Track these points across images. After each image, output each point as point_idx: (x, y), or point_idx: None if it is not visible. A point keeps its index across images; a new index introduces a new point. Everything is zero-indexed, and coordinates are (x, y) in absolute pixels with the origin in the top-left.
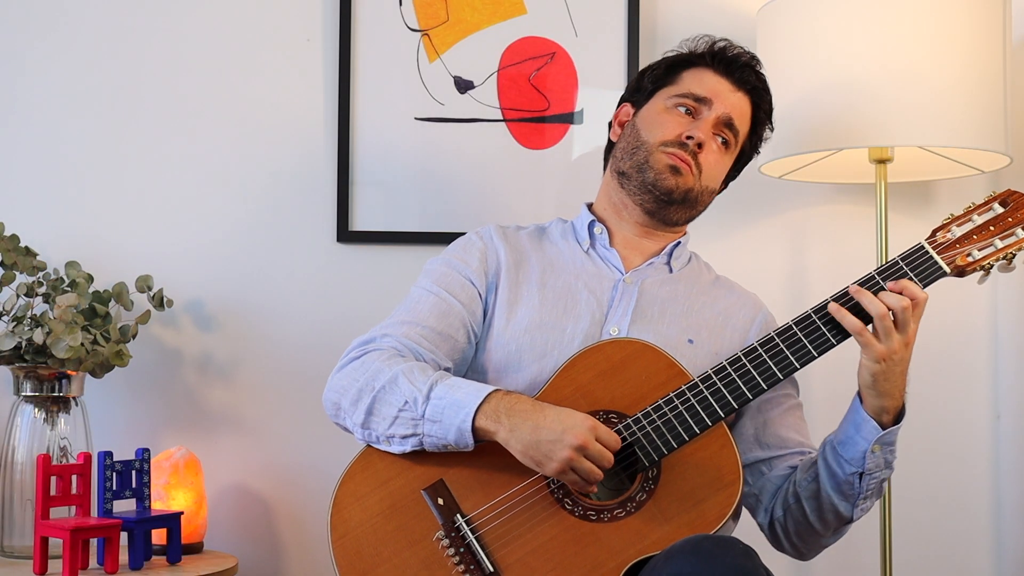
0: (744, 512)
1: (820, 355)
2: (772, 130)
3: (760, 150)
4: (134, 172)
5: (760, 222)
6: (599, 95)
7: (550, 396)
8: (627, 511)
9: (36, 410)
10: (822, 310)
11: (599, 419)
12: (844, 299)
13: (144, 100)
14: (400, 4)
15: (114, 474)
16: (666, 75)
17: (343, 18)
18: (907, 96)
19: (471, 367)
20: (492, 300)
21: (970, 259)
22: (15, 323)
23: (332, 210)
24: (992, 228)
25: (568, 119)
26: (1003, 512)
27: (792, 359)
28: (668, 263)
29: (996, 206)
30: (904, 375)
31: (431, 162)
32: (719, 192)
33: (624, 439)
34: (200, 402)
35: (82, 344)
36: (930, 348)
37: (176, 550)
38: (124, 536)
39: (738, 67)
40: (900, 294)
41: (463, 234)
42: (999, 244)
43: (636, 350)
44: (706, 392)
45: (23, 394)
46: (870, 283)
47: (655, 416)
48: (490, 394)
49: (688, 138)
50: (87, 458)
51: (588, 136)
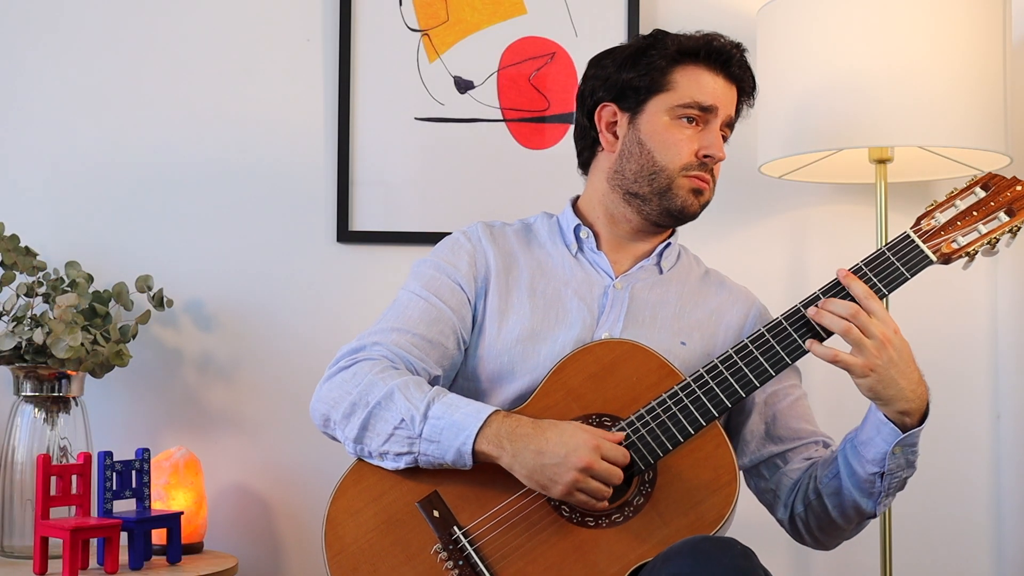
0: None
1: (797, 357)
2: (751, 107)
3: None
4: (134, 172)
5: (760, 222)
6: None
7: (540, 401)
8: (625, 516)
9: (36, 410)
10: (811, 304)
11: (591, 423)
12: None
13: (144, 100)
14: (400, 4)
15: (114, 474)
16: (652, 74)
17: (343, 18)
18: (907, 96)
19: (463, 373)
20: (482, 307)
21: (955, 246)
22: (15, 323)
23: (332, 210)
24: (975, 213)
25: (568, 119)
26: (1003, 512)
27: (783, 354)
28: (658, 264)
29: (978, 190)
30: (906, 375)
31: (431, 162)
32: None
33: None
34: (200, 402)
35: (82, 344)
36: (930, 349)
37: (176, 550)
38: (124, 536)
39: (736, 61)
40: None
41: None
42: (983, 229)
43: (626, 351)
44: (699, 392)
45: (23, 394)
46: (858, 273)
47: (649, 418)
48: (490, 417)
49: (707, 157)
50: (87, 458)
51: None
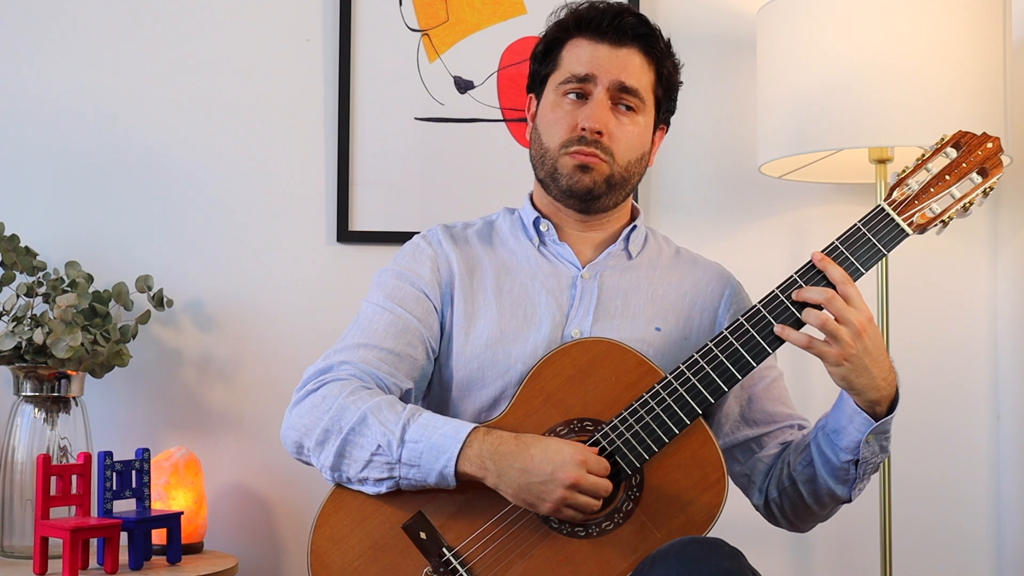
0: (742, 509)
1: (774, 350)
2: (680, 64)
3: (678, 82)
4: (134, 172)
5: (760, 222)
6: None
7: (519, 409)
8: (615, 523)
9: (36, 410)
10: (789, 289)
11: (573, 428)
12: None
13: (144, 100)
14: (400, 4)
15: (114, 474)
16: (547, 59)
17: (343, 18)
18: (907, 96)
19: (436, 382)
20: (449, 314)
21: (930, 215)
22: (15, 323)
23: (332, 210)
24: (948, 177)
25: None
26: (1003, 512)
27: (764, 344)
28: (626, 248)
29: (949, 151)
30: (878, 363)
31: (431, 162)
32: (657, 147)
33: (603, 448)
34: (200, 402)
35: (82, 344)
36: (930, 349)
37: (176, 550)
38: (124, 536)
39: (610, 22)
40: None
41: None
42: (956, 194)
43: (602, 350)
44: (681, 389)
45: (23, 394)
46: (834, 253)
47: (632, 420)
48: (470, 436)
49: (583, 130)
50: (87, 458)
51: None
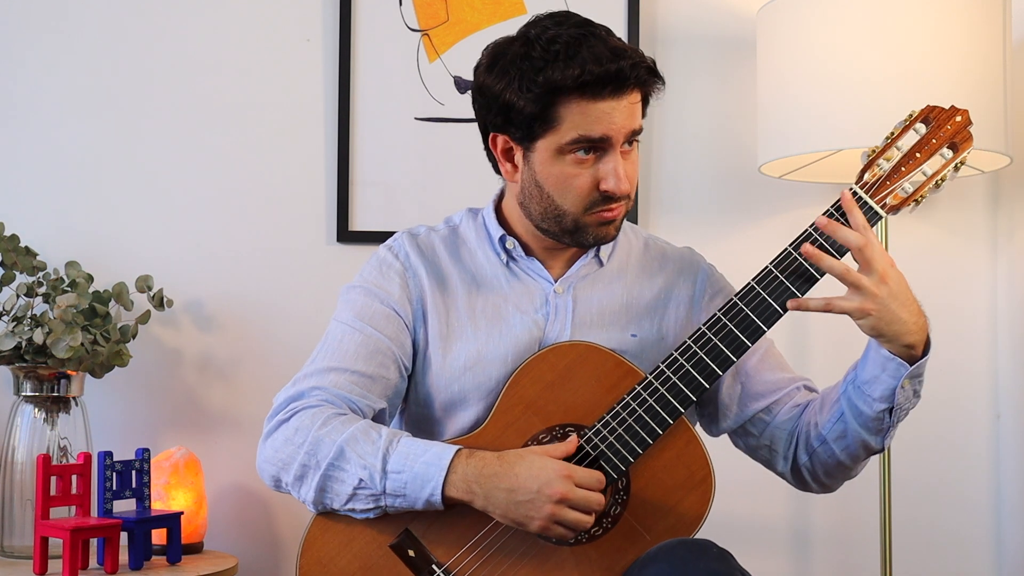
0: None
1: (769, 328)
2: (661, 89)
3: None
4: (134, 172)
5: (760, 222)
6: None
7: (500, 419)
8: (604, 528)
9: (36, 410)
10: (764, 280)
11: (555, 434)
12: (789, 263)
13: (144, 100)
14: (400, 4)
15: (114, 474)
16: (538, 107)
17: (343, 18)
18: (907, 96)
19: (413, 400)
20: (423, 332)
21: (903, 195)
22: (15, 323)
23: (332, 210)
24: (919, 155)
25: None
26: (1003, 512)
27: (741, 338)
28: (597, 256)
29: (919, 126)
30: (907, 308)
31: (431, 162)
32: None
33: (587, 454)
34: (200, 402)
35: (82, 344)
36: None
37: (176, 550)
38: (124, 536)
39: (613, 79)
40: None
41: None
42: (928, 171)
43: (579, 354)
44: (662, 389)
45: (23, 394)
46: (808, 238)
47: (614, 423)
48: (453, 461)
49: (608, 191)
50: (87, 458)
51: None
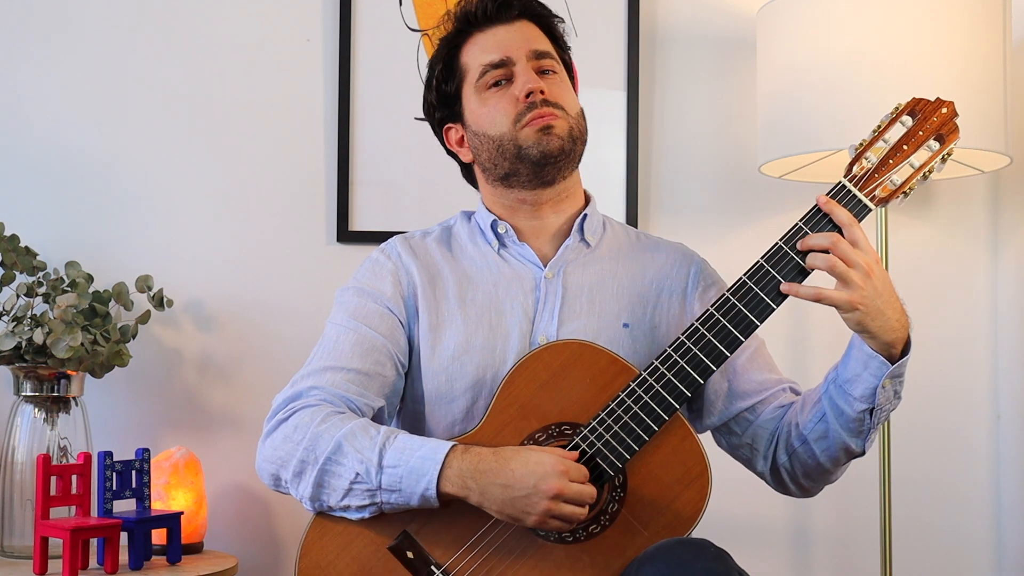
0: (743, 510)
1: (762, 322)
2: (563, 21)
3: (569, 44)
4: (134, 172)
5: (760, 222)
6: (599, 95)
7: (495, 419)
8: (602, 525)
9: (36, 410)
10: (756, 274)
11: (551, 433)
12: (780, 257)
13: (144, 100)
14: (400, 4)
15: (114, 474)
16: (451, 74)
17: (343, 18)
18: (907, 96)
19: (409, 396)
20: (416, 328)
21: (891, 187)
22: (15, 323)
23: (332, 210)
24: (906, 147)
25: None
26: (1003, 512)
27: (735, 332)
28: (583, 239)
29: (905, 119)
30: (891, 305)
31: (431, 162)
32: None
33: (583, 452)
34: (200, 402)
35: (82, 344)
36: (930, 348)
37: (176, 550)
38: (124, 536)
39: (497, 10)
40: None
41: None
42: (916, 163)
43: (573, 352)
44: (656, 385)
45: (23, 394)
46: (799, 233)
47: (610, 421)
48: (448, 456)
49: (527, 96)
50: (87, 458)
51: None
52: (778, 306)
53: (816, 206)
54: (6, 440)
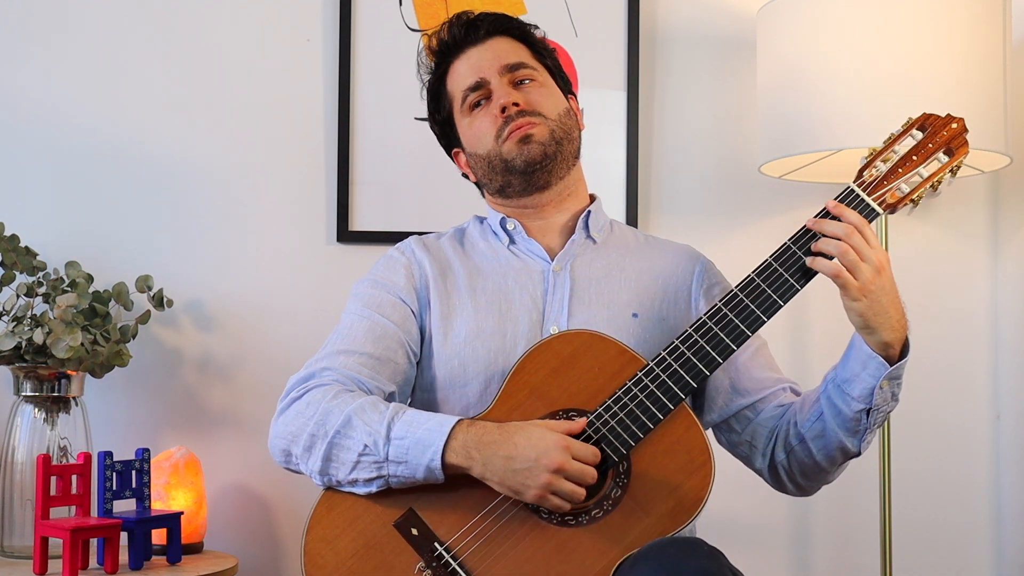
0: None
1: (769, 319)
2: (531, 30)
3: (553, 51)
4: (134, 172)
5: (760, 222)
6: (599, 95)
7: (505, 403)
8: (604, 510)
9: (36, 410)
10: (764, 272)
11: (559, 418)
12: (788, 256)
13: (144, 100)
14: (400, 4)
15: (114, 474)
16: (440, 104)
17: (343, 18)
18: (907, 96)
19: (419, 386)
20: (427, 318)
21: (900, 194)
22: (15, 323)
23: (332, 210)
24: (915, 158)
25: None
26: (1003, 512)
27: (742, 327)
28: (588, 236)
29: (915, 132)
30: (894, 305)
31: (431, 162)
32: (580, 115)
33: (589, 437)
34: (200, 402)
35: (82, 344)
36: (930, 348)
37: (176, 550)
38: (124, 536)
39: (461, 32)
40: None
41: None
42: (924, 173)
43: (584, 341)
44: (663, 375)
45: (23, 394)
46: (807, 235)
47: (616, 408)
48: (454, 428)
49: (502, 111)
50: (87, 458)
51: (588, 136)
52: (785, 303)
53: (825, 209)
54: (6, 440)
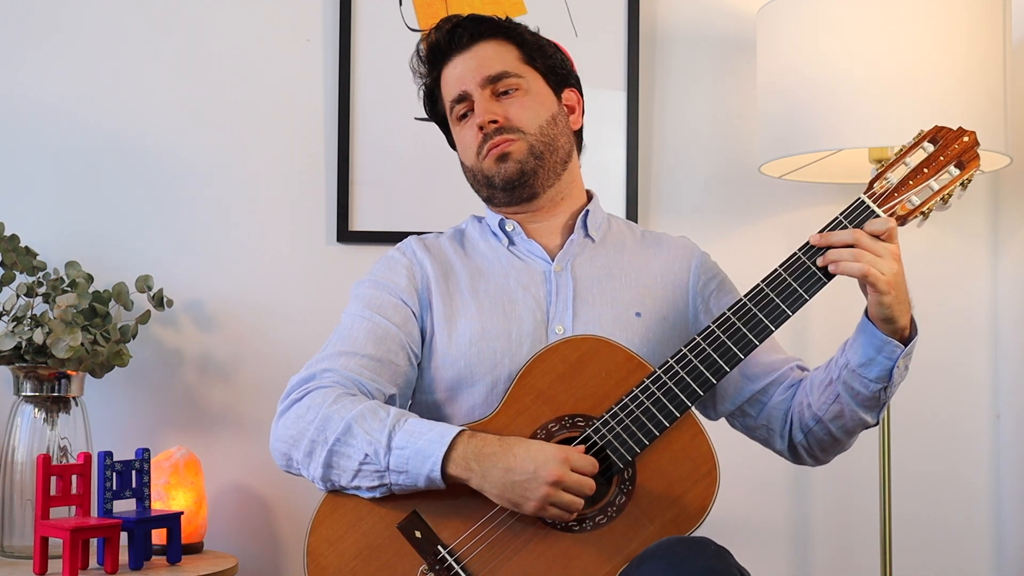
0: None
1: (777, 328)
2: (523, 33)
3: (549, 44)
4: (134, 172)
5: (760, 222)
6: (599, 95)
7: (511, 407)
8: (608, 516)
9: (36, 410)
10: (773, 282)
11: (564, 424)
12: (798, 266)
13: (144, 100)
14: (400, 4)
15: (114, 474)
16: (436, 109)
17: (343, 18)
18: (907, 96)
19: (420, 388)
20: (429, 319)
21: (910, 207)
22: (15, 323)
23: (332, 210)
24: (926, 170)
25: None
26: (1003, 512)
27: (750, 335)
28: (587, 235)
29: (927, 145)
30: (906, 293)
31: (431, 162)
32: (579, 108)
33: (594, 443)
34: (200, 402)
35: (82, 344)
36: (930, 349)
37: (176, 550)
38: (124, 536)
39: (445, 40)
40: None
41: None
42: (935, 186)
43: (591, 347)
44: (670, 383)
45: (23, 394)
46: (813, 248)
47: (622, 415)
48: (455, 439)
49: (480, 130)
50: (87, 458)
51: (588, 136)
52: (793, 313)
53: (842, 212)
54: (6, 440)
